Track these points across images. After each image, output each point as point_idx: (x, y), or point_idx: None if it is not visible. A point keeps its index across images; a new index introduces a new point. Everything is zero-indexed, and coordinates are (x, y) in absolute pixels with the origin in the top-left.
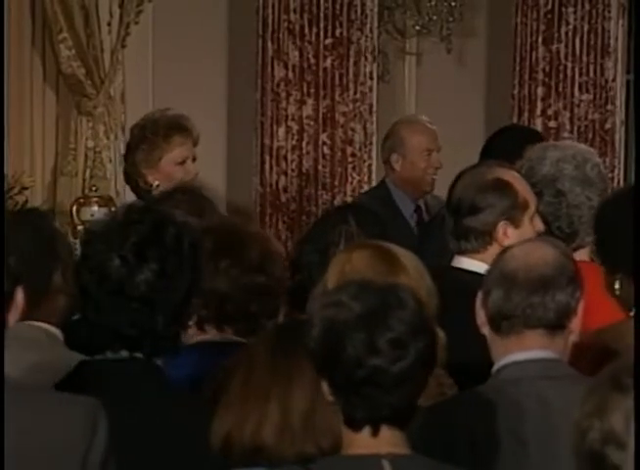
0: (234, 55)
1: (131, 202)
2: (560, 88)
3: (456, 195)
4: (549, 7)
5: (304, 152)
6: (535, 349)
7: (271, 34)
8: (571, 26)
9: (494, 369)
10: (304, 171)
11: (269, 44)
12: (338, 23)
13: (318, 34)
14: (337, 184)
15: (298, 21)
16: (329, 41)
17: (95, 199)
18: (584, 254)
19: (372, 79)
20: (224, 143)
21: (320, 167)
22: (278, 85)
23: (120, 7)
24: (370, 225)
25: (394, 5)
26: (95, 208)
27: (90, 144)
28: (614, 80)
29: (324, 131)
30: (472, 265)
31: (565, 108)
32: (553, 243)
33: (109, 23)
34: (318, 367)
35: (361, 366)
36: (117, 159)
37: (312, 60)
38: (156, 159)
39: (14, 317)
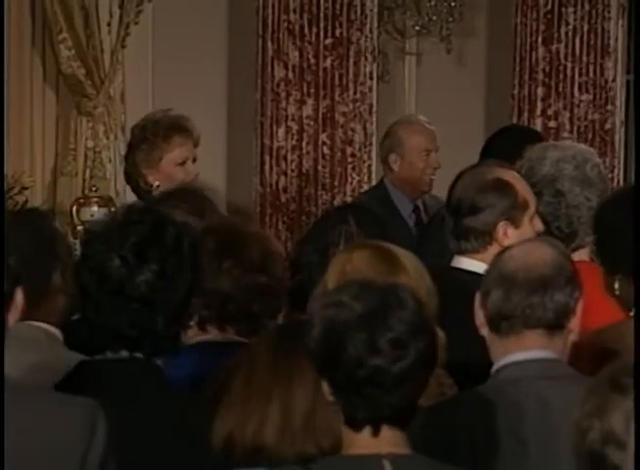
0: (234, 55)
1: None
2: (560, 88)
3: (456, 195)
4: (549, 7)
5: (304, 152)
6: (535, 349)
7: (271, 34)
8: (570, 26)
9: (494, 369)
10: (304, 172)
11: (269, 44)
12: (337, 24)
13: (318, 34)
14: (336, 184)
15: (298, 21)
16: (329, 41)
17: (95, 199)
18: (584, 254)
19: (372, 79)
20: (224, 143)
21: (320, 168)
22: (278, 85)
23: (120, 7)
24: (370, 225)
25: (394, 5)
26: (95, 208)
27: (90, 144)
28: (614, 80)
29: (324, 131)
30: (472, 265)
31: (565, 108)
32: (551, 243)
33: (108, 24)
34: (319, 367)
35: (362, 366)
36: (117, 159)
37: (312, 60)
38: (156, 159)
39: (13, 317)
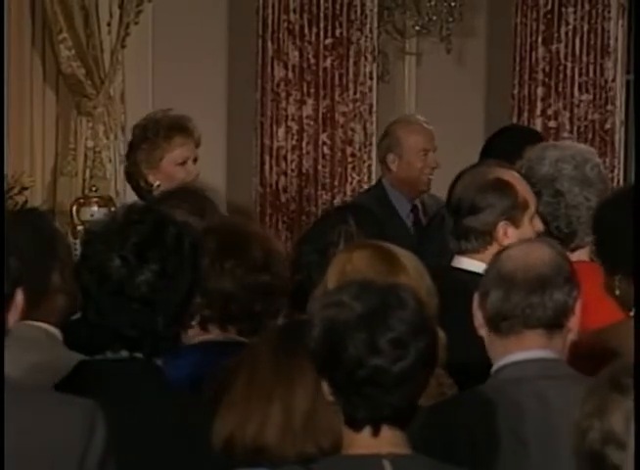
0: (234, 55)
1: (131, 202)
2: (560, 88)
3: (456, 195)
4: (549, 7)
5: (304, 152)
6: (535, 348)
7: (271, 34)
8: (570, 26)
9: (493, 369)
10: (304, 171)
11: (269, 44)
12: (337, 24)
13: (318, 34)
14: (336, 184)
15: (298, 21)
16: (329, 41)
17: (95, 199)
18: (584, 254)
19: (372, 79)
20: (224, 143)
21: (320, 168)
22: (278, 85)
23: (120, 7)
24: (369, 225)
25: (394, 5)
26: (95, 208)
27: (90, 144)
28: (613, 80)
29: (324, 131)
30: (472, 265)
31: (565, 108)
32: (548, 243)
33: (108, 24)
34: (319, 367)
35: (362, 366)
36: (117, 159)
37: (312, 60)
38: (157, 159)
39: (14, 318)
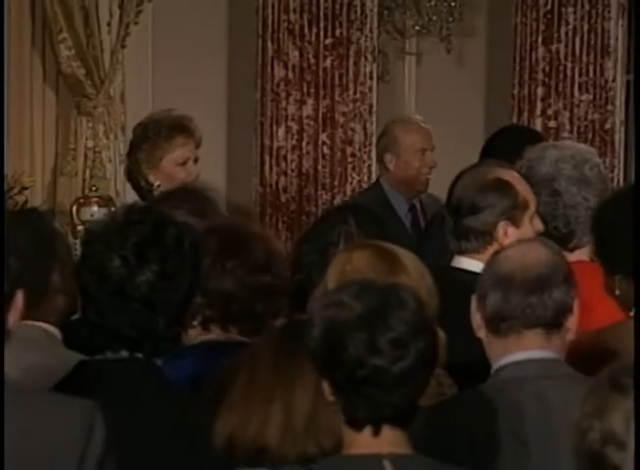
0: (234, 55)
1: (131, 202)
2: (560, 88)
3: (456, 195)
4: (549, 7)
5: (304, 152)
6: (534, 348)
7: (271, 34)
8: (570, 26)
9: (493, 369)
10: (304, 171)
11: (269, 44)
12: (337, 24)
13: (318, 34)
14: (336, 184)
15: (298, 21)
16: (329, 41)
17: (95, 199)
18: (583, 254)
19: (372, 79)
20: (224, 143)
21: (320, 167)
22: (278, 85)
23: (120, 7)
24: (369, 225)
25: (394, 5)
26: (95, 208)
27: (90, 144)
28: (613, 80)
29: (324, 131)
30: (472, 265)
31: (564, 108)
32: (544, 242)
33: (108, 24)
34: (319, 367)
35: (362, 366)
36: (117, 159)
37: (312, 60)
38: (157, 159)
39: (14, 318)
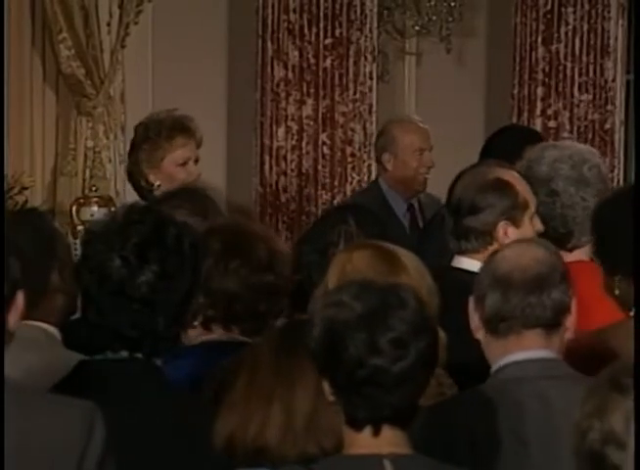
0: (234, 55)
1: (132, 202)
2: (560, 88)
3: (456, 195)
4: (549, 7)
5: (304, 152)
6: (534, 348)
7: (271, 34)
8: (570, 26)
9: (493, 369)
10: (304, 171)
11: (269, 44)
12: (337, 23)
13: (318, 34)
14: (336, 184)
15: (298, 21)
16: (329, 41)
17: (95, 199)
18: (583, 253)
19: (372, 79)
20: (224, 143)
21: (320, 167)
22: (278, 85)
23: (120, 7)
24: (369, 225)
25: (394, 5)
26: (95, 208)
27: (90, 144)
28: (613, 80)
29: (324, 131)
30: (472, 265)
31: (564, 108)
32: (540, 243)
33: (108, 24)
34: (319, 367)
35: (362, 366)
36: (117, 159)
37: (312, 60)
38: (158, 159)
39: (14, 319)
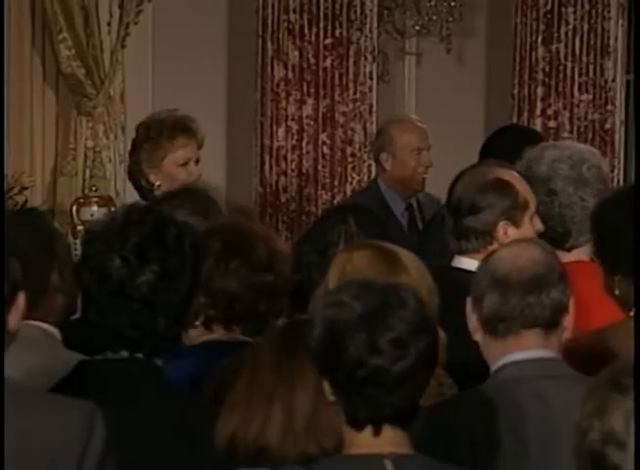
0: (234, 55)
1: (132, 202)
2: (560, 88)
3: (456, 195)
4: (549, 7)
5: (304, 152)
6: (533, 348)
7: (271, 34)
8: (570, 26)
9: (493, 369)
10: (304, 171)
11: (269, 44)
12: (337, 23)
13: (318, 34)
14: (336, 184)
15: (298, 21)
16: (329, 41)
17: (95, 199)
18: (582, 253)
19: (372, 79)
20: (224, 143)
21: (320, 167)
22: (278, 85)
23: (120, 7)
24: (369, 225)
25: (394, 5)
26: (95, 208)
27: (90, 144)
28: (613, 80)
29: (324, 131)
30: (472, 265)
31: (564, 108)
32: (537, 243)
33: (108, 24)
34: (320, 367)
35: (362, 366)
36: (117, 159)
37: (312, 60)
38: (159, 159)
39: (15, 320)
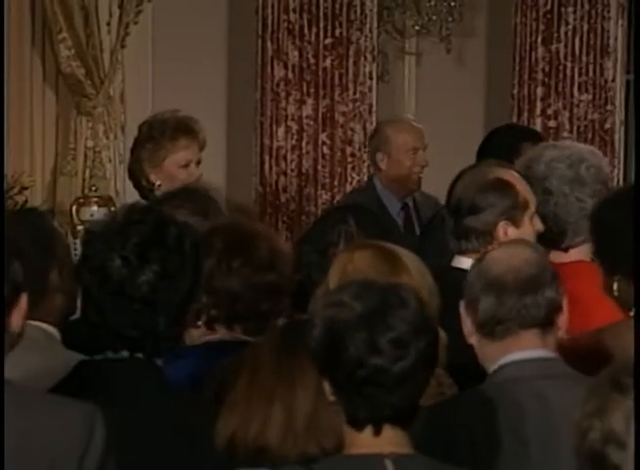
0: (234, 55)
1: (132, 202)
2: (559, 88)
3: (456, 195)
4: (548, 7)
5: (304, 152)
6: (531, 348)
7: (271, 34)
8: (570, 26)
9: (493, 369)
10: (304, 171)
11: (269, 44)
12: (337, 23)
13: (318, 34)
14: (336, 184)
15: (298, 21)
16: (328, 41)
17: (95, 199)
18: (582, 253)
19: (371, 79)
20: (224, 143)
21: (319, 167)
22: (278, 85)
23: (120, 7)
24: (370, 225)
25: (394, 5)
26: (95, 208)
27: (90, 144)
28: (613, 80)
29: (323, 131)
30: None
31: (564, 108)
32: (527, 243)
33: (108, 23)
34: (320, 367)
35: (362, 366)
36: (117, 158)
37: (312, 60)
38: (160, 159)
39: (17, 321)
